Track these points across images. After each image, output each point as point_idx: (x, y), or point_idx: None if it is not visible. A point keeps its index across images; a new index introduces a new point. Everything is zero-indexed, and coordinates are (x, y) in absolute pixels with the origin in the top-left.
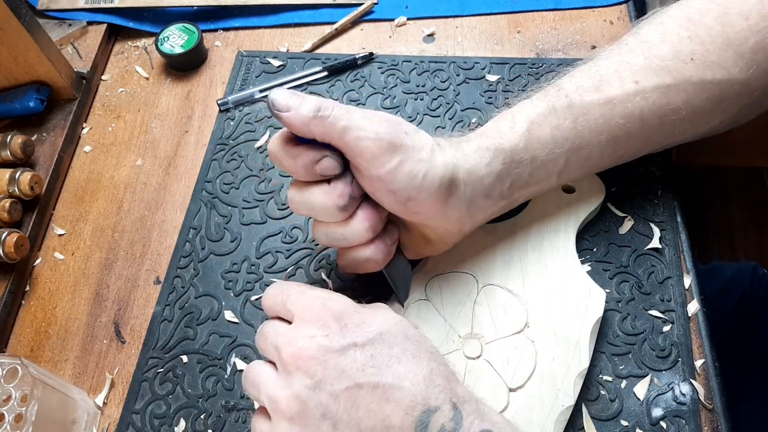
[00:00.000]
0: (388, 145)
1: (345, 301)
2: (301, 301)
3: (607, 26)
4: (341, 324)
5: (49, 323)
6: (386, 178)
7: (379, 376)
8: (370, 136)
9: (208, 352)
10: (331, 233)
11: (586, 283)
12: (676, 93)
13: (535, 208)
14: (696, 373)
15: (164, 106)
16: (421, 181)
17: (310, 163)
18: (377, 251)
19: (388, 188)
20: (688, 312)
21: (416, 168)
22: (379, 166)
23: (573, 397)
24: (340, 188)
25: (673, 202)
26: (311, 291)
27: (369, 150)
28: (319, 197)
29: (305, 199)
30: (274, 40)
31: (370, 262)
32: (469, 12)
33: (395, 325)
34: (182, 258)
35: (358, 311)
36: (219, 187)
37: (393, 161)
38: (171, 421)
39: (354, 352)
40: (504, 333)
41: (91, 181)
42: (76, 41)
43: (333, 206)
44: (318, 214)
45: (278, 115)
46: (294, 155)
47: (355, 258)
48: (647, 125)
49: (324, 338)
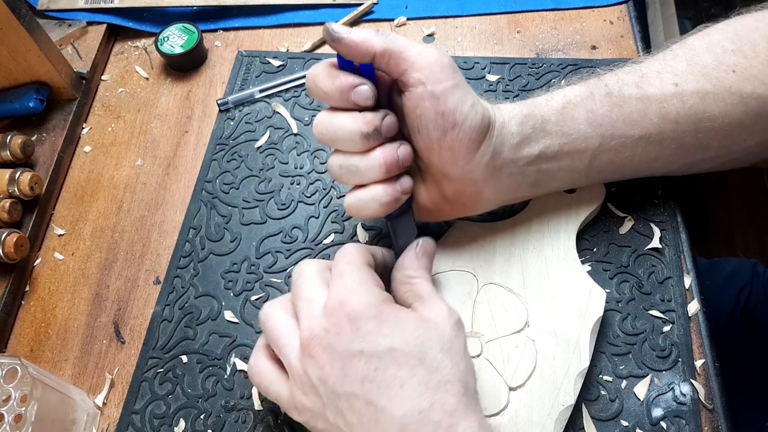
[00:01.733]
0: (450, 65)
1: (368, 302)
2: (334, 285)
3: (607, 26)
4: (354, 327)
5: (48, 323)
6: (441, 96)
7: (375, 395)
8: (432, 53)
9: (208, 352)
10: (346, 164)
11: (586, 283)
12: (714, 101)
13: (535, 207)
14: (696, 373)
15: (164, 106)
16: (469, 109)
17: (348, 86)
18: (385, 193)
19: (439, 108)
20: (688, 312)
21: (467, 96)
22: (436, 81)
23: (573, 397)
24: (369, 117)
25: (673, 202)
26: (347, 276)
27: (430, 66)
28: (346, 121)
29: (332, 122)
30: (274, 40)
31: (375, 203)
32: (469, 12)
33: (414, 344)
34: (182, 258)
35: (378, 317)
36: (219, 187)
37: (450, 80)
38: (171, 421)
39: (359, 361)
40: (504, 332)
41: (91, 181)
42: (76, 41)
43: (357, 132)
44: (339, 139)
45: (337, 37)
46: (333, 76)
47: (362, 197)
48: (681, 129)
49: (335, 336)
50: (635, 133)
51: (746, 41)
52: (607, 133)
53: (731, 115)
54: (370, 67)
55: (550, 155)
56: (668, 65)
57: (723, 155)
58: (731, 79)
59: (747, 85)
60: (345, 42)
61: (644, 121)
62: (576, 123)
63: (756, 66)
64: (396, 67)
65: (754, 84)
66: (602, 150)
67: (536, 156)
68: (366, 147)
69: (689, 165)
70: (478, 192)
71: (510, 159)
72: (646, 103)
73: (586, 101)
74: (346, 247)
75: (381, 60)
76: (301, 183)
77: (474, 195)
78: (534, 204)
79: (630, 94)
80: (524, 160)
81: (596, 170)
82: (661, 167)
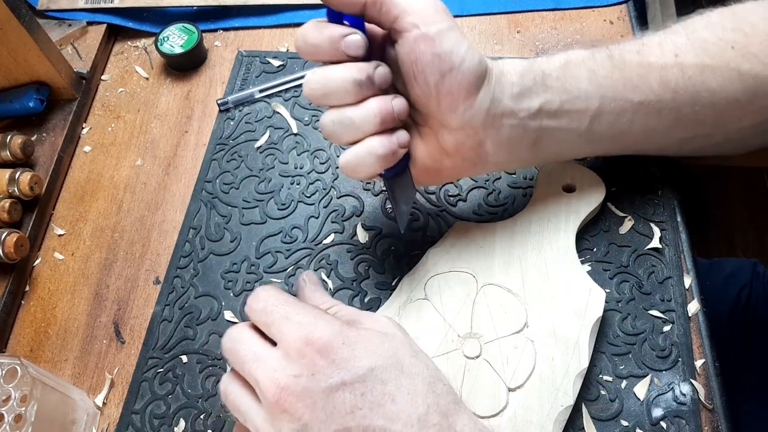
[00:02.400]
0: (442, 8)
1: (332, 330)
2: (284, 330)
3: (607, 26)
4: (328, 360)
5: (48, 323)
6: (436, 38)
7: (370, 419)
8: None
9: (208, 352)
10: (340, 117)
11: (585, 283)
12: (712, 74)
13: (535, 207)
14: (696, 373)
15: (164, 106)
16: (465, 52)
17: (338, 36)
18: (381, 144)
19: (435, 50)
20: (688, 312)
21: (462, 39)
22: (431, 23)
23: (572, 397)
24: (362, 65)
25: (673, 202)
26: (296, 315)
27: (423, 8)
28: (338, 70)
29: (324, 74)
30: (274, 40)
31: (372, 156)
32: (469, 12)
33: (389, 357)
34: (182, 258)
35: (347, 342)
36: (219, 187)
37: (444, 22)
38: (171, 421)
39: (342, 393)
40: (503, 332)
41: (91, 181)
42: (76, 41)
43: (350, 79)
44: (332, 91)
45: None
46: (322, 28)
47: (357, 152)
48: (679, 99)
49: (309, 378)
50: (635, 97)
51: (745, 21)
52: (608, 95)
53: (728, 91)
54: (359, 21)
55: (551, 111)
56: (669, 38)
57: (718, 133)
58: (730, 54)
59: (745, 62)
60: None
61: (644, 86)
62: (577, 81)
63: (755, 44)
64: (387, 15)
65: (752, 62)
66: (602, 111)
67: (537, 110)
68: (360, 96)
69: (685, 141)
70: (479, 143)
71: (510, 109)
72: (647, 69)
73: (587, 61)
74: (261, 292)
75: (372, 9)
76: (301, 183)
77: (475, 147)
78: (534, 204)
79: (631, 60)
80: (525, 112)
81: (596, 135)
82: (658, 140)
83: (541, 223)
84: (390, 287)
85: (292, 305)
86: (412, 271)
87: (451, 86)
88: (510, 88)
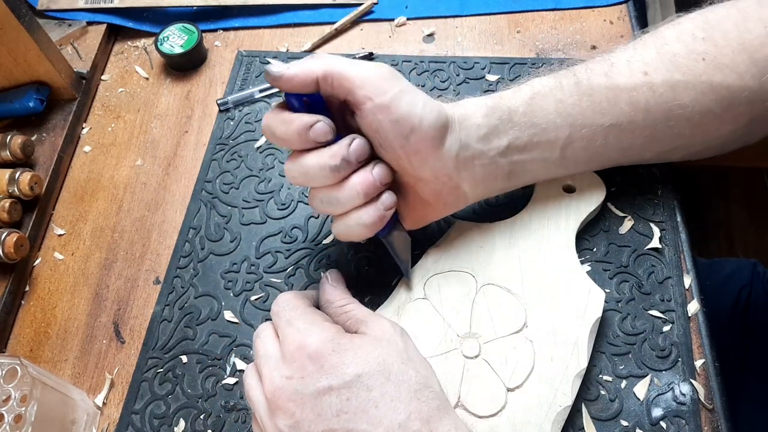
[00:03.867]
0: (389, 73)
1: (324, 338)
2: (285, 334)
3: (607, 26)
4: (317, 366)
5: (48, 323)
6: (391, 104)
7: (354, 423)
8: (370, 67)
9: (208, 352)
10: (326, 198)
11: (585, 283)
12: (684, 90)
13: (534, 207)
14: (696, 373)
15: (164, 106)
16: (422, 109)
17: (304, 128)
18: (368, 215)
19: (392, 117)
20: (688, 312)
21: (416, 98)
22: (382, 92)
23: (571, 398)
24: (334, 149)
25: (673, 202)
26: (296, 321)
27: (371, 80)
28: (312, 159)
29: (300, 164)
30: (274, 40)
31: (361, 227)
32: (469, 12)
33: (377, 365)
34: (182, 258)
35: (337, 350)
36: (219, 187)
37: (395, 88)
38: (171, 421)
39: (329, 397)
40: (502, 332)
41: (91, 181)
42: (76, 41)
43: (326, 166)
44: (312, 177)
45: (278, 75)
46: (288, 122)
47: (347, 223)
48: (652, 117)
49: (299, 381)
50: (605, 121)
51: (717, 29)
52: (577, 122)
53: (702, 104)
54: (318, 98)
55: (520, 146)
56: (638, 54)
57: (696, 143)
58: (701, 67)
59: (717, 74)
60: (285, 77)
61: (614, 109)
62: (545, 113)
63: (727, 54)
64: (340, 88)
65: (724, 72)
66: (573, 139)
67: (506, 147)
68: (340, 178)
69: (664, 153)
70: (455, 187)
71: (479, 150)
72: (616, 91)
73: (554, 91)
74: (281, 296)
75: (324, 84)
76: None
77: (452, 191)
78: (534, 204)
79: (599, 84)
80: (494, 151)
81: (571, 160)
82: (636, 155)
83: (541, 223)
84: (390, 287)
85: (298, 311)
86: (412, 271)
87: (416, 145)
88: (476, 131)
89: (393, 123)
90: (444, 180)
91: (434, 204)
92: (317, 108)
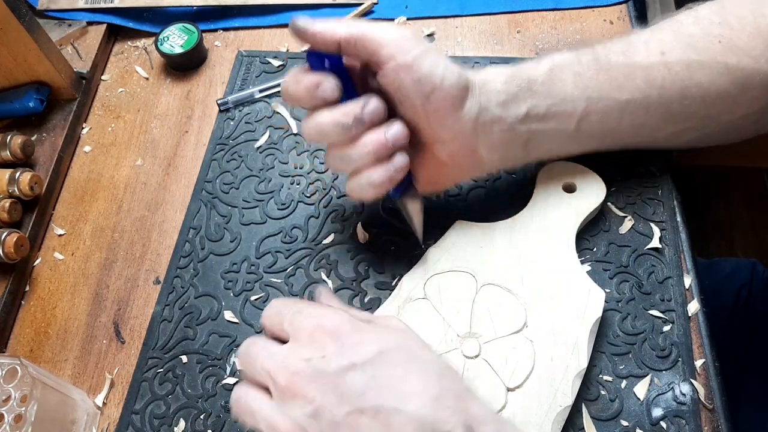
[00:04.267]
0: (412, 35)
1: (342, 318)
2: (296, 322)
3: (607, 26)
4: (338, 344)
5: (48, 323)
6: (414, 64)
7: (382, 399)
8: (394, 29)
9: (208, 352)
10: (339, 155)
11: (585, 283)
12: (699, 69)
13: (534, 206)
14: (696, 373)
15: (164, 106)
16: (443, 71)
17: (313, 85)
18: (377, 175)
19: (414, 76)
20: (688, 312)
21: (438, 59)
22: (405, 52)
23: (571, 398)
24: (348, 107)
25: (673, 202)
26: (307, 309)
27: (395, 40)
28: (326, 116)
29: (315, 121)
30: (274, 40)
31: (370, 186)
32: (469, 12)
33: (398, 344)
34: (182, 258)
35: (357, 329)
36: (219, 187)
37: (418, 48)
38: (171, 421)
39: (353, 374)
40: (502, 332)
41: (91, 181)
42: (76, 41)
43: (339, 124)
44: (326, 135)
45: (303, 29)
46: (299, 81)
47: (359, 181)
48: (667, 95)
49: (320, 360)
50: (621, 96)
51: (733, 15)
52: (594, 96)
53: (717, 84)
54: (338, 61)
55: (539, 115)
56: (655, 36)
57: (709, 125)
58: (717, 49)
59: (732, 56)
60: (310, 32)
61: (630, 85)
62: (563, 85)
63: (742, 38)
64: (363, 50)
65: (739, 55)
66: (589, 112)
67: (524, 115)
68: (350, 135)
69: (677, 133)
70: (472, 150)
71: (498, 116)
72: (632, 68)
73: (573, 64)
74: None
75: (348, 46)
76: (301, 183)
77: (469, 154)
78: (534, 204)
79: (616, 60)
80: (513, 118)
81: (585, 134)
82: (649, 135)
83: (541, 223)
84: (390, 287)
85: (301, 303)
86: (412, 271)
87: (436, 105)
88: (496, 96)
89: (415, 82)
90: (461, 141)
91: (450, 166)
92: (337, 72)
